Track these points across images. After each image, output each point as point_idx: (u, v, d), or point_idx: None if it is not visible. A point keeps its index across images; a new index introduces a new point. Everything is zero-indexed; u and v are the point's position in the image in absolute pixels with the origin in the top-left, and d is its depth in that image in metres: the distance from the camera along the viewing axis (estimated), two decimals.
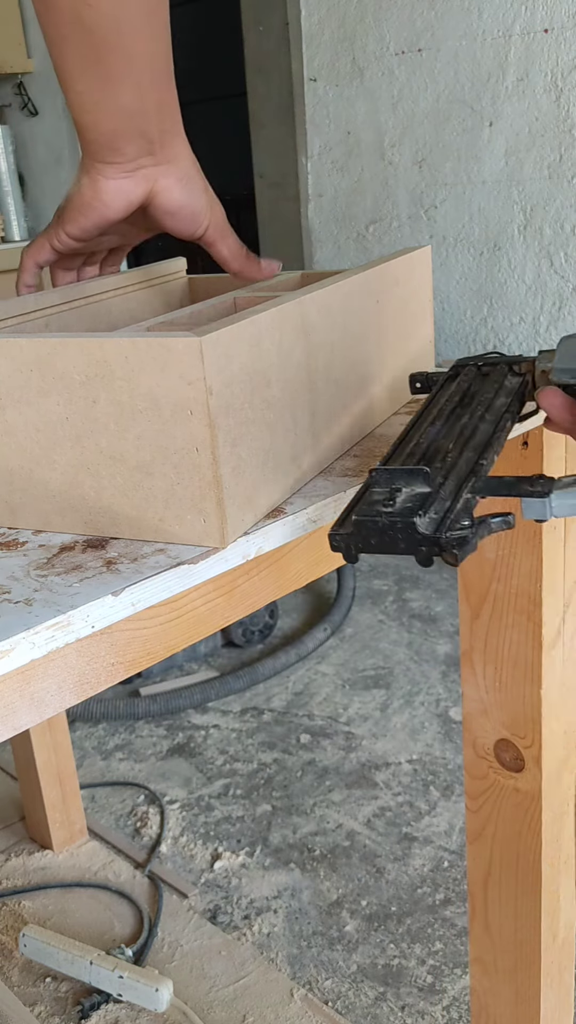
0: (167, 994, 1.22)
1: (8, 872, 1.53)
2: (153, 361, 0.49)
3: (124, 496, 0.53)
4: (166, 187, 0.62)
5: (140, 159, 0.61)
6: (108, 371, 0.51)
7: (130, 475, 0.52)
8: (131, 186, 0.61)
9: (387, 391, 0.72)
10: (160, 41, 0.58)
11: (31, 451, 0.55)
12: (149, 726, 1.94)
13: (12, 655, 0.44)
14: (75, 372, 0.52)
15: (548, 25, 2.26)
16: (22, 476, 0.56)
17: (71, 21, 0.55)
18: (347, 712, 1.94)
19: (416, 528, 0.45)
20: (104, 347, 0.50)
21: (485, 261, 2.58)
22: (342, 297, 0.64)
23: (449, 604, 2.36)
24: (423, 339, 0.78)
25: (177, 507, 0.52)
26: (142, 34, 0.56)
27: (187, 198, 0.63)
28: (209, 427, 0.49)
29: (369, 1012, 1.26)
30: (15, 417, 0.54)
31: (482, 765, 0.80)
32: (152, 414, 0.51)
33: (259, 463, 0.54)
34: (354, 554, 0.48)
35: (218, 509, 0.51)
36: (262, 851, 1.57)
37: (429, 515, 0.46)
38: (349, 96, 2.71)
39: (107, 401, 0.51)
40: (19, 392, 0.54)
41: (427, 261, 0.77)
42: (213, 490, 0.51)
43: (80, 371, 0.52)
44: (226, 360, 0.50)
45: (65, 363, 0.52)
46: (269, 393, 0.55)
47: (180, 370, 0.49)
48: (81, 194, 0.62)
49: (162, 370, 0.49)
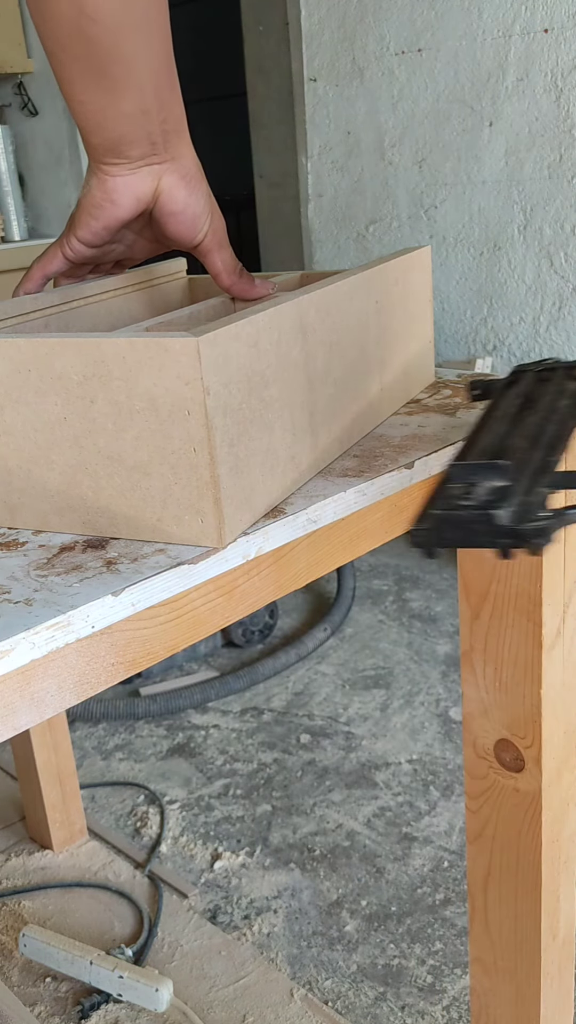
0: (167, 994, 1.22)
1: (8, 872, 1.53)
2: (151, 361, 0.49)
3: (122, 496, 0.53)
4: (170, 185, 0.62)
5: (143, 157, 0.61)
6: (106, 371, 0.51)
7: (128, 475, 0.53)
8: (138, 182, 0.61)
9: (387, 391, 0.72)
10: (162, 45, 0.58)
11: (29, 451, 0.55)
12: (149, 726, 1.94)
13: (12, 655, 0.44)
14: (73, 372, 0.52)
15: (548, 25, 2.26)
16: (20, 476, 0.56)
17: (72, 33, 0.55)
18: (347, 712, 1.94)
19: (497, 520, 0.45)
20: (102, 347, 0.50)
21: (485, 261, 2.58)
22: (341, 297, 0.64)
23: (449, 604, 2.36)
24: (423, 339, 0.78)
25: (175, 507, 0.52)
26: (144, 41, 0.56)
27: (190, 198, 0.63)
28: (206, 427, 0.50)
29: (369, 1012, 1.26)
30: (13, 417, 0.55)
31: (482, 765, 0.80)
32: (150, 414, 0.51)
33: (257, 463, 0.54)
34: (435, 549, 0.47)
35: (216, 509, 0.51)
36: (262, 851, 1.57)
37: (509, 508, 0.46)
38: (349, 96, 2.71)
39: (105, 401, 0.52)
40: (17, 392, 0.54)
41: (427, 261, 0.77)
42: (211, 490, 0.51)
43: (78, 371, 0.52)
44: (223, 360, 0.50)
45: (63, 363, 0.52)
46: (267, 393, 0.55)
47: (178, 370, 0.49)
48: (91, 195, 0.63)
49: (160, 370, 0.49)
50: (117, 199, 0.62)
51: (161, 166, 0.61)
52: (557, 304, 2.49)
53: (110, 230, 0.64)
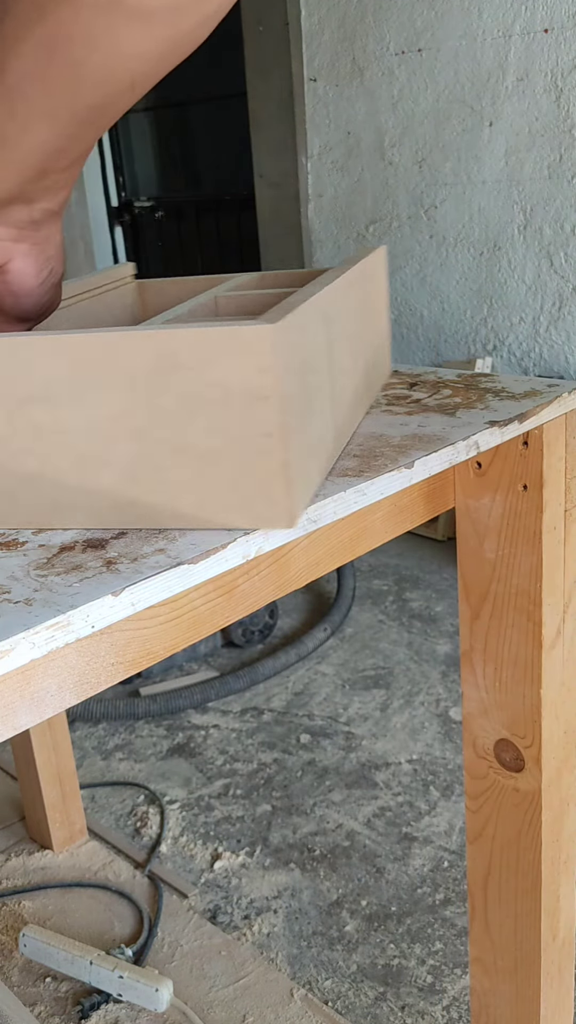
0: (167, 994, 1.22)
1: (8, 872, 1.53)
2: (226, 350, 0.50)
3: (187, 487, 0.53)
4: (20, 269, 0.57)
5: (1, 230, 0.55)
6: (177, 362, 0.51)
7: (196, 465, 0.53)
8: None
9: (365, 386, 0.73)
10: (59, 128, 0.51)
11: (86, 448, 0.54)
12: (149, 726, 1.94)
13: (12, 655, 0.44)
14: (140, 365, 0.51)
15: (548, 25, 2.26)
16: (74, 475, 0.55)
17: None
18: (347, 712, 1.94)
19: None
20: (175, 338, 0.50)
21: (485, 261, 2.58)
22: (344, 291, 0.65)
23: (449, 604, 2.36)
24: (383, 335, 0.80)
25: (245, 493, 0.52)
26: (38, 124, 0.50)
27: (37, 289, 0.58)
28: (281, 412, 0.51)
29: (369, 1012, 1.26)
30: (71, 415, 0.53)
31: (482, 765, 0.80)
32: (222, 403, 0.51)
33: (308, 446, 0.56)
34: None
35: (287, 491, 0.52)
36: (262, 851, 1.57)
37: None
38: (349, 96, 2.71)
39: (174, 392, 0.51)
40: (77, 389, 0.53)
41: (384, 260, 0.80)
42: (282, 473, 0.51)
43: (146, 364, 0.51)
44: (290, 346, 0.52)
45: (130, 357, 0.51)
46: (313, 380, 0.56)
47: (253, 357, 0.50)
48: None
49: (234, 358, 0.50)
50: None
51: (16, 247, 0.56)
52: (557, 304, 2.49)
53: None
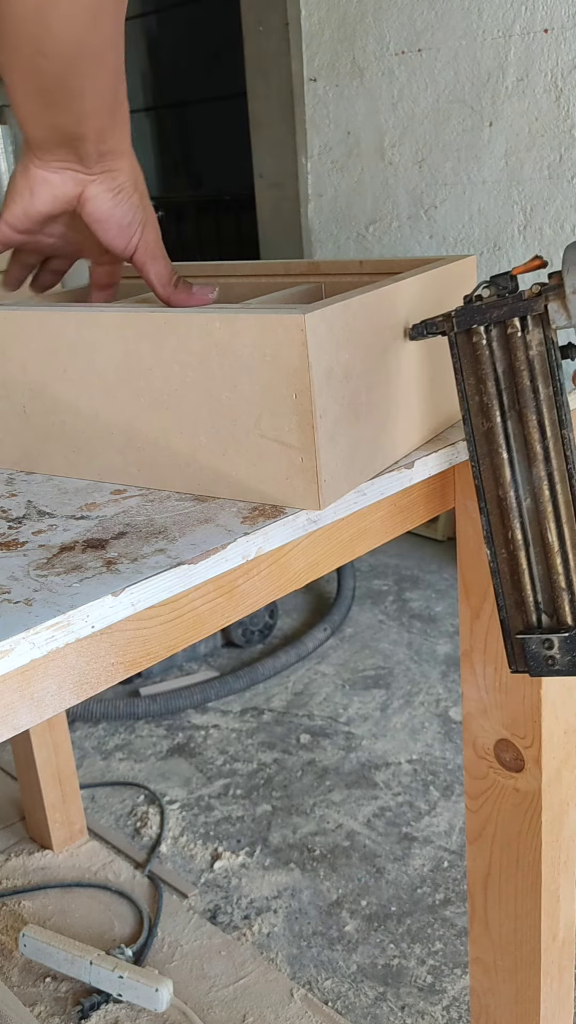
0: (167, 994, 1.22)
1: (8, 872, 1.53)
2: (278, 334, 0.54)
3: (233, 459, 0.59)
4: (95, 195, 0.63)
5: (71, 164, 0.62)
6: (233, 344, 0.56)
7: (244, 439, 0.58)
8: (58, 181, 0.62)
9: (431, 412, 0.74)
10: (108, 82, 0.58)
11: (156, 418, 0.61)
12: (149, 726, 1.94)
13: (12, 655, 0.44)
14: (197, 345, 0.57)
15: (548, 25, 2.26)
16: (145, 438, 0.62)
17: (25, 62, 0.55)
18: (347, 712, 1.94)
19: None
20: (235, 322, 0.55)
21: (485, 261, 2.58)
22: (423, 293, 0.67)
23: (449, 604, 2.36)
24: None
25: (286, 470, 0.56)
26: (91, 80, 0.57)
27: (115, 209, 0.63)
28: (335, 399, 0.56)
29: (369, 1012, 1.26)
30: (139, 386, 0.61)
31: (482, 765, 0.80)
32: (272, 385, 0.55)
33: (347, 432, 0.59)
34: None
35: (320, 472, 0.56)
36: (262, 851, 1.57)
37: None
38: (349, 96, 2.71)
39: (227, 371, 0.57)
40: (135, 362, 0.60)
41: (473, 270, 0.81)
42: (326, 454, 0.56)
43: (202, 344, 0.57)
44: (332, 336, 0.56)
45: (188, 337, 0.57)
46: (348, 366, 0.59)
47: (305, 341, 0.53)
48: (15, 179, 0.64)
49: (285, 343, 0.54)
50: (35, 190, 0.63)
51: (88, 176, 0.62)
52: None
53: (31, 218, 0.65)
